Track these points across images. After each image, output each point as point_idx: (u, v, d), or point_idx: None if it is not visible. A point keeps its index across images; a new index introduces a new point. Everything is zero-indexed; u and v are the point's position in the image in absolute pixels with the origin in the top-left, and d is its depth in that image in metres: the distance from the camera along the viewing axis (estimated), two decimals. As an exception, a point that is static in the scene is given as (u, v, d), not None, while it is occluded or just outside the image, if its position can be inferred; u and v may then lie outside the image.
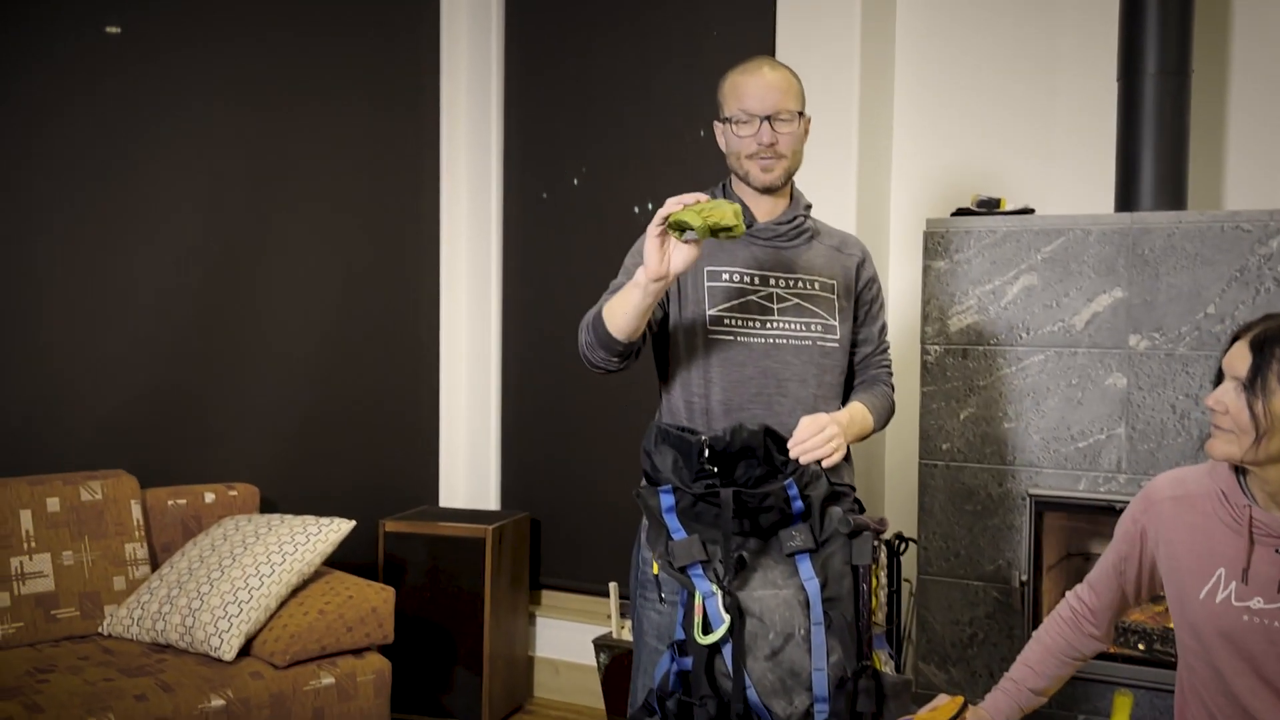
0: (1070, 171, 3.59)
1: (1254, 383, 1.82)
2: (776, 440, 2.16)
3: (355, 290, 4.07)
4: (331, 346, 4.00)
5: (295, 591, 3.16)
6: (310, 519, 3.27)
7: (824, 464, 2.16)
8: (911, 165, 3.82)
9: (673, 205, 2.05)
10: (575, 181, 4.23)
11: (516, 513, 4.11)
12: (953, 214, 3.31)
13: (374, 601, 3.23)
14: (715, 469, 2.12)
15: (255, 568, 3.08)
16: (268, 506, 3.75)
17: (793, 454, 2.14)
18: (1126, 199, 3.16)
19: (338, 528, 3.24)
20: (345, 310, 4.04)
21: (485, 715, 3.81)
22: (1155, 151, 3.12)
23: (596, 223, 4.19)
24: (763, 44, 3.74)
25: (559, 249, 4.27)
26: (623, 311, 2.15)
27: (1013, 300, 3.17)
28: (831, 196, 3.46)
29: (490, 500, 4.41)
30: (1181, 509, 2.01)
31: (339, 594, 3.20)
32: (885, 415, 2.43)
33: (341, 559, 3.65)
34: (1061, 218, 3.13)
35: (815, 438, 2.15)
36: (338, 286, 4.01)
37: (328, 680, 3.09)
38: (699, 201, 2.04)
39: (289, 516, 3.30)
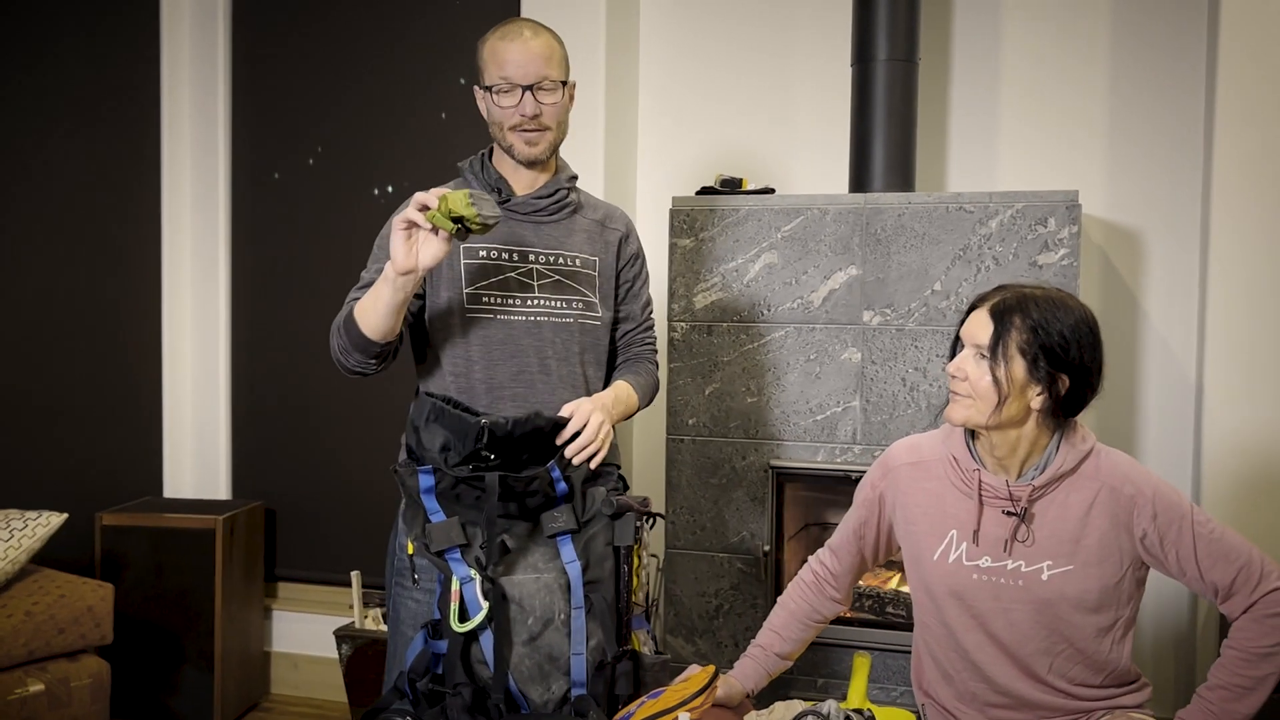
0: (809, 153, 3.71)
1: (995, 350, 1.91)
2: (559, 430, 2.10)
3: (66, 271, 3.74)
4: (40, 329, 3.66)
5: (-2, 594, 2.88)
6: (14, 512, 2.98)
7: (593, 462, 2.11)
8: (658, 145, 3.85)
9: (422, 201, 1.95)
10: (311, 161, 4.03)
11: (249, 502, 3.89)
12: (697, 193, 3.34)
13: (89, 600, 2.98)
14: (492, 455, 2.04)
15: (-51, 569, 2.78)
16: (-36, 502, 3.41)
17: (568, 453, 2.09)
18: (860, 180, 3.29)
19: (46, 521, 2.97)
20: (54, 291, 3.70)
21: (217, 716, 3.60)
22: (886, 135, 3.25)
23: (332, 204, 4.02)
24: (506, 14, 3.67)
25: (292, 230, 4.07)
26: (374, 310, 2.05)
27: (755, 278, 3.24)
28: (579, 174, 3.43)
29: (220, 489, 4.16)
30: (917, 474, 2.09)
31: (49, 593, 2.94)
32: (650, 393, 2.39)
33: (53, 556, 3.37)
34: (800, 197, 3.22)
35: (588, 432, 2.09)
36: (47, 266, 3.68)
37: (36, 687, 2.83)
38: (444, 195, 1.94)
39: (-11, 512, 3.00)
